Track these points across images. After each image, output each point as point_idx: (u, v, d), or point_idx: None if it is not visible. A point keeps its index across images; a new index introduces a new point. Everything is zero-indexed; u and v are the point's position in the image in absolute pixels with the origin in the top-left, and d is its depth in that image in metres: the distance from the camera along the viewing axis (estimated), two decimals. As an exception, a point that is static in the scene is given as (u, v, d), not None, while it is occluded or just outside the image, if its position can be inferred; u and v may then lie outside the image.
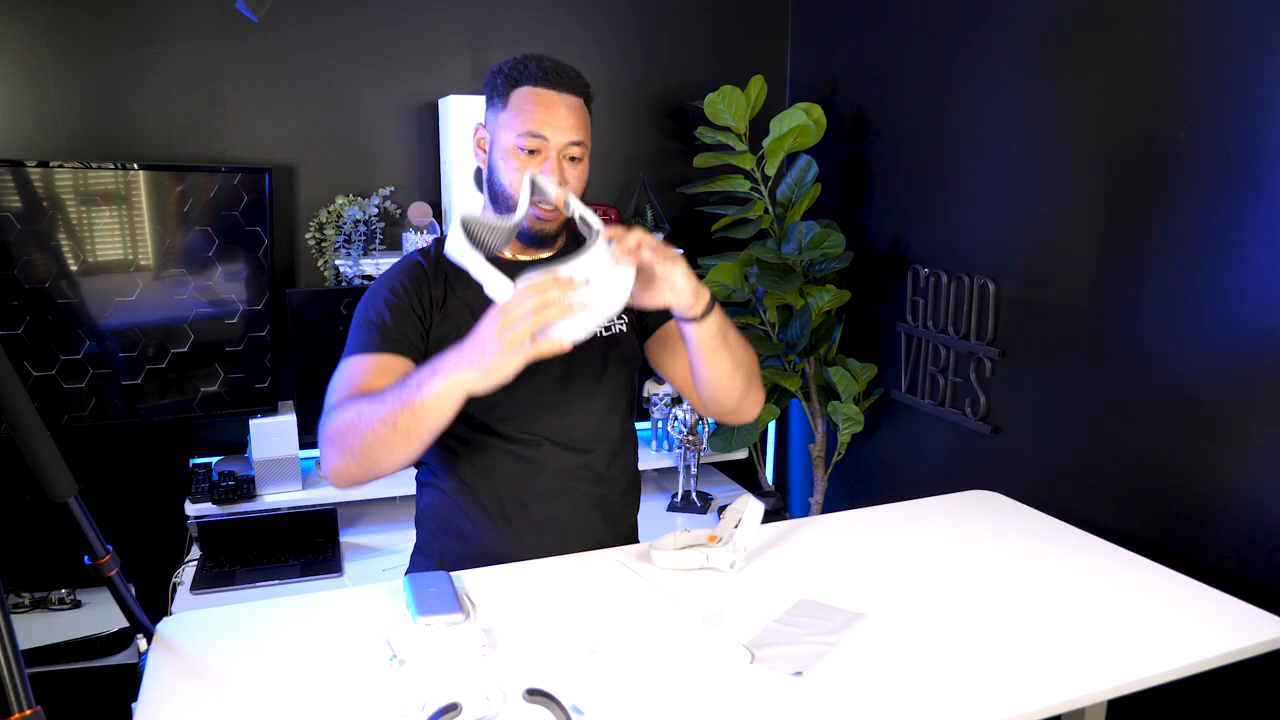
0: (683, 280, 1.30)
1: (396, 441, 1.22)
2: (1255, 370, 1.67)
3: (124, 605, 1.33)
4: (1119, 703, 1.33)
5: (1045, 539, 1.56)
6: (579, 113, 1.44)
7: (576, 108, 1.44)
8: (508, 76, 1.44)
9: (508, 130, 1.42)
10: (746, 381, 1.46)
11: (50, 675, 2.09)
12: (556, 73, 1.43)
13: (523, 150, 1.40)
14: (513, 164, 1.42)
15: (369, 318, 1.43)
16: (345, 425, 1.26)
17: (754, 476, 3.07)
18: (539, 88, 1.42)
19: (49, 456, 1.22)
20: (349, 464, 1.27)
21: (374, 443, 1.23)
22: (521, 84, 1.42)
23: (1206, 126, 1.73)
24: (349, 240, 2.56)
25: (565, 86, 1.43)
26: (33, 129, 2.36)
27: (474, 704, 1.06)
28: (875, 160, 2.69)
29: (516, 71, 1.43)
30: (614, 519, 1.57)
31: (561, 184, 1.42)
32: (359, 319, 1.44)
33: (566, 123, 1.41)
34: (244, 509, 2.36)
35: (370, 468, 1.27)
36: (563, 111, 1.41)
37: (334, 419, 1.29)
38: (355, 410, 1.26)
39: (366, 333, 1.41)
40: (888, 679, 1.13)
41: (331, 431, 1.29)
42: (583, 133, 1.44)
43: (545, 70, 1.42)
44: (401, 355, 1.39)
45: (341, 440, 1.26)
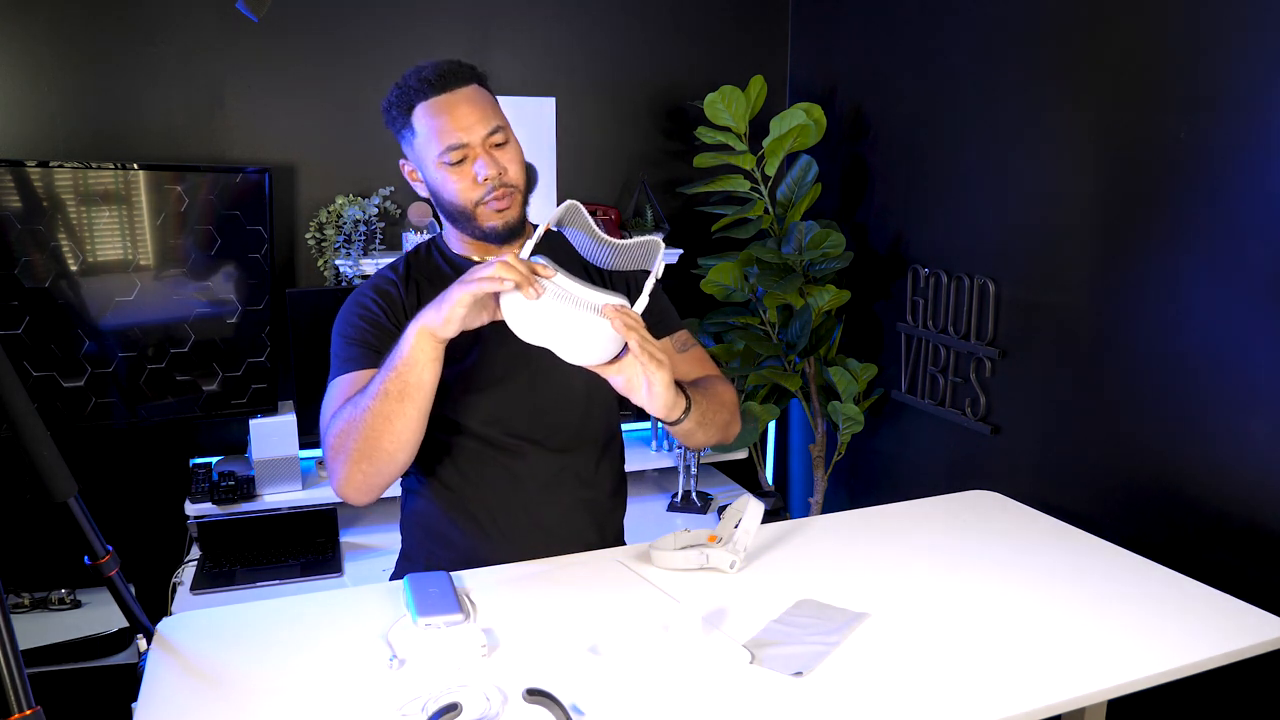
0: (661, 389, 1.26)
1: (393, 411, 1.25)
2: (1255, 370, 1.67)
3: (124, 605, 1.33)
4: (1119, 703, 1.33)
5: (1045, 539, 1.56)
6: (481, 102, 1.42)
7: (475, 98, 1.41)
8: (399, 103, 1.43)
9: (427, 151, 1.41)
10: (721, 435, 1.49)
11: (50, 675, 2.09)
12: (440, 75, 1.40)
13: (449, 164, 1.40)
14: (449, 178, 1.41)
15: (348, 337, 1.44)
16: (343, 427, 1.29)
17: (754, 476, 3.06)
18: (431, 98, 1.40)
19: (49, 456, 1.22)
20: (359, 465, 1.29)
21: (373, 423, 1.26)
22: (415, 103, 1.41)
23: (1206, 127, 1.73)
24: (349, 240, 2.56)
25: (454, 83, 1.41)
26: (33, 129, 2.36)
27: (474, 704, 1.06)
28: (875, 160, 2.69)
29: (405, 95, 1.42)
30: (601, 521, 1.56)
31: (501, 173, 1.41)
32: (338, 341, 1.46)
33: (474, 117, 1.39)
34: (244, 509, 2.36)
35: (378, 457, 1.28)
36: (465, 108, 1.39)
37: (331, 431, 1.32)
38: (349, 410, 1.29)
39: (347, 352, 1.43)
40: (888, 679, 1.13)
41: (333, 443, 1.31)
42: (493, 117, 1.42)
43: (427, 79, 1.40)
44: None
45: (343, 443, 1.29)
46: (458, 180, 1.41)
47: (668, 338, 1.57)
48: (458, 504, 1.48)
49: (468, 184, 1.41)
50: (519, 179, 1.45)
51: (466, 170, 1.40)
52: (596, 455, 1.54)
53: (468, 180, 1.41)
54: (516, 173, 1.44)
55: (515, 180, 1.44)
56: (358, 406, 1.28)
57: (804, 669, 1.14)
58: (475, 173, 1.40)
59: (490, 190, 1.41)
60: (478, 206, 1.42)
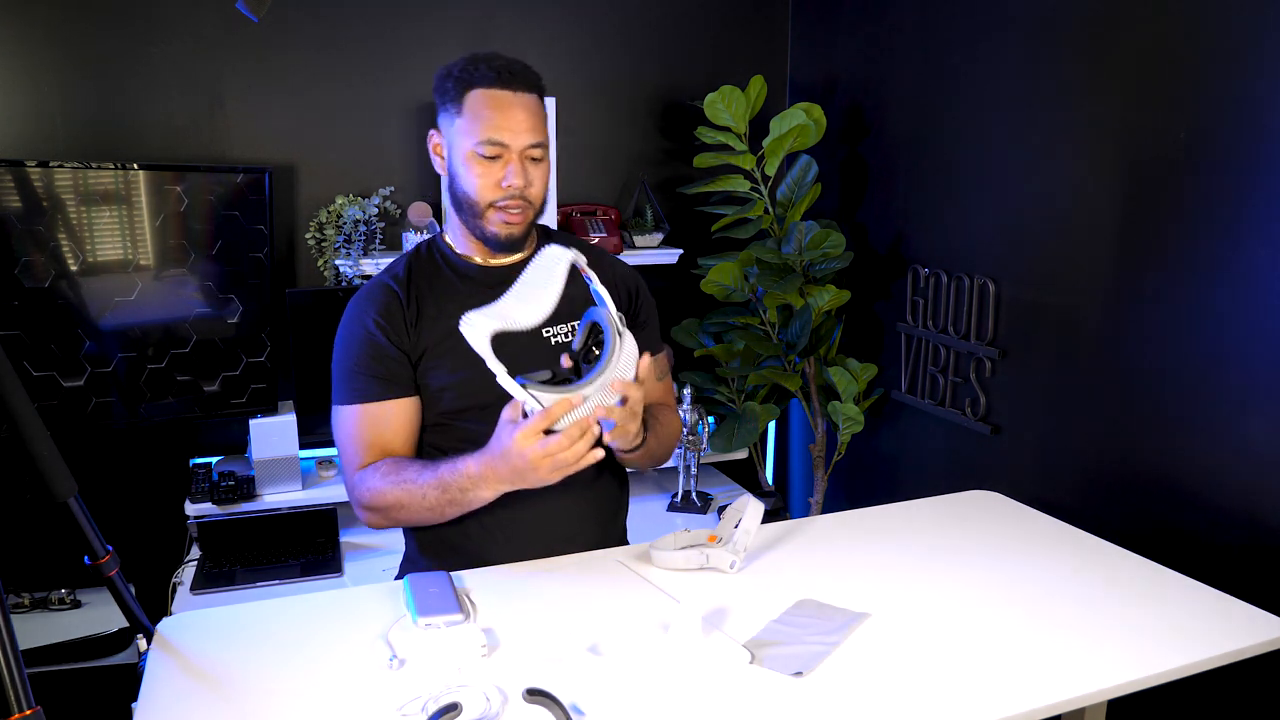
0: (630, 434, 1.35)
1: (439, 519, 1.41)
2: (1255, 370, 1.67)
3: (124, 605, 1.33)
4: (1119, 703, 1.33)
5: (1045, 539, 1.56)
6: (535, 112, 1.42)
7: (533, 107, 1.42)
8: (459, 79, 1.41)
9: (465, 137, 1.40)
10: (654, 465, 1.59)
11: (50, 675, 2.09)
12: (509, 72, 1.40)
13: (483, 156, 1.40)
14: (474, 170, 1.41)
15: (352, 367, 1.45)
16: (388, 504, 1.41)
17: (754, 476, 3.06)
18: (493, 89, 1.39)
19: (49, 456, 1.22)
20: (388, 523, 1.45)
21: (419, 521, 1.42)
22: (474, 86, 1.40)
23: (1207, 127, 1.73)
24: (349, 240, 2.56)
25: (519, 85, 1.40)
26: (33, 129, 2.36)
27: (474, 704, 1.06)
28: (875, 160, 2.69)
29: (467, 74, 1.40)
30: (605, 523, 1.56)
31: (526, 186, 1.42)
32: (343, 365, 1.47)
33: (524, 125, 1.40)
34: (244, 509, 2.36)
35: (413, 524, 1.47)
36: (520, 114, 1.40)
37: (370, 492, 1.42)
38: (395, 494, 1.39)
39: (354, 382, 1.45)
40: (888, 679, 1.13)
41: (369, 501, 1.43)
42: (541, 133, 1.43)
43: (498, 70, 1.39)
44: (395, 398, 1.44)
45: (385, 512, 1.43)
46: (482, 176, 1.41)
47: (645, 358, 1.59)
48: None
49: (490, 183, 1.41)
50: (539, 198, 1.46)
51: (495, 170, 1.40)
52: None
53: (491, 179, 1.41)
54: (539, 192, 1.45)
55: (535, 198, 1.45)
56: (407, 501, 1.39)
57: (804, 669, 1.14)
58: (503, 176, 1.40)
59: (509, 198, 1.41)
60: (490, 208, 1.43)
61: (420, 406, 1.47)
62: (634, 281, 1.62)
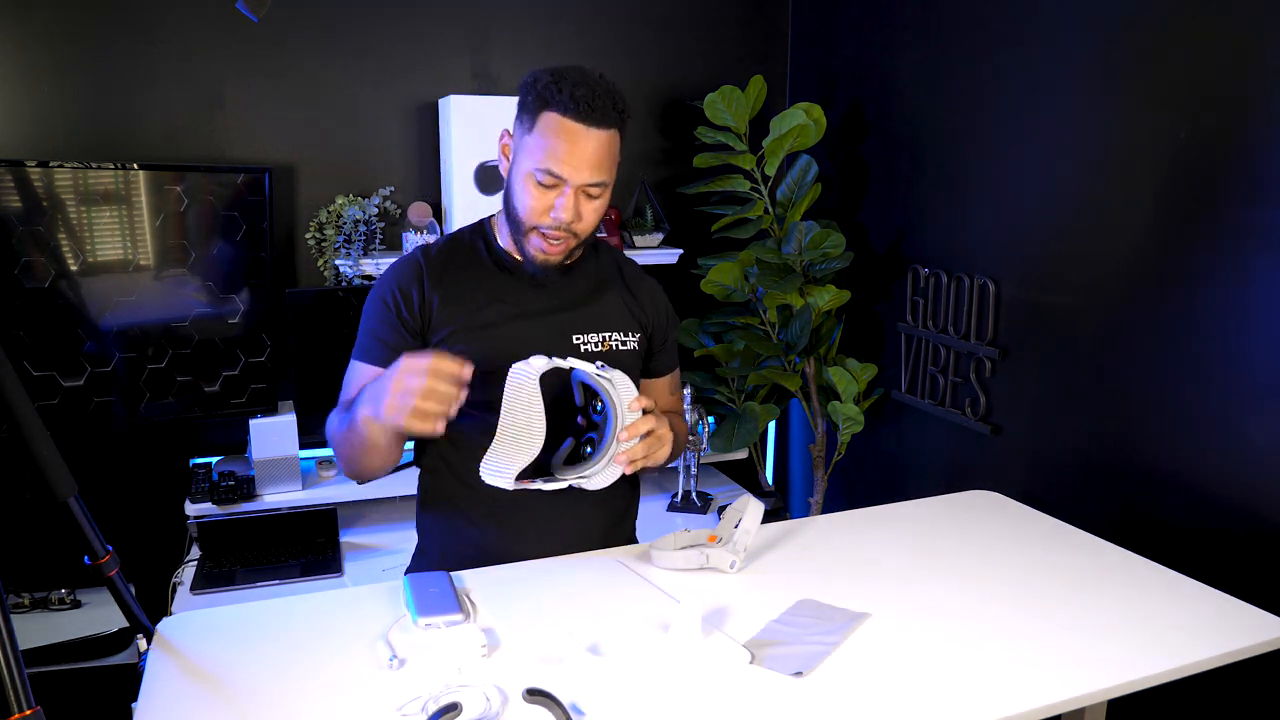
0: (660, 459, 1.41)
1: (359, 452, 1.38)
2: (1255, 369, 1.67)
3: (124, 605, 1.33)
4: (1119, 703, 1.33)
5: (1045, 539, 1.56)
6: (605, 150, 1.38)
7: (604, 143, 1.37)
8: (539, 95, 1.37)
9: (529, 156, 1.38)
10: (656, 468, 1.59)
11: (50, 675, 2.09)
12: (589, 105, 1.34)
13: (540, 183, 1.38)
14: (529, 191, 1.40)
15: (371, 328, 1.48)
16: (331, 435, 1.45)
17: (754, 476, 3.06)
18: (568, 119, 1.34)
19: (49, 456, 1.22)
20: (344, 466, 1.46)
21: (348, 450, 1.41)
22: (550, 109, 1.35)
23: (1207, 127, 1.73)
24: (349, 240, 2.56)
25: (596, 120, 1.35)
26: (33, 129, 2.36)
27: (474, 704, 1.06)
28: (875, 160, 2.69)
29: (549, 93, 1.35)
30: (614, 521, 1.57)
31: (574, 220, 1.40)
32: (364, 321, 1.50)
33: (589, 163, 1.36)
34: (244, 509, 2.36)
35: (358, 472, 1.44)
36: (588, 149, 1.35)
37: (329, 424, 1.46)
38: (335, 424, 1.43)
39: (370, 341, 1.48)
40: (888, 679, 1.13)
41: (329, 435, 1.47)
42: (605, 171, 1.39)
43: (579, 101, 1.34)
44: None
45: (334, 444, 1.46)
46: (535, 199, 1.40)
47: (667, 376, 1.66)
48: (472, 500, 1.48)
49: (541, 208, 1.40)
50: (586, 232, 1.45)
51: (548, 197, 1.39)
52: None
53: (543, 204, 1.40)
54: (588, 227, 1.44)
55: (582, 233, 1.44)
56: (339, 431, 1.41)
57: (804, 669, 1.14)
58: (554, 204, 1.39)
59: (554, 228, 1.41)
60: (534, 230, 1.42)
61: None
62: (663, 301, 1.64)
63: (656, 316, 1.61)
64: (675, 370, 1.69)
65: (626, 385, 1.35)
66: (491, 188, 2.53)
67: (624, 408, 1.33)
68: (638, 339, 1.56)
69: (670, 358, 1.66)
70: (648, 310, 1.60)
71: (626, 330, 1.55)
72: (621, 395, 1.34)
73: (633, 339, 1.55)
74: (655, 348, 1.62)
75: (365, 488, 2.50)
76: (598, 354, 1.51)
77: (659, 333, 1.62)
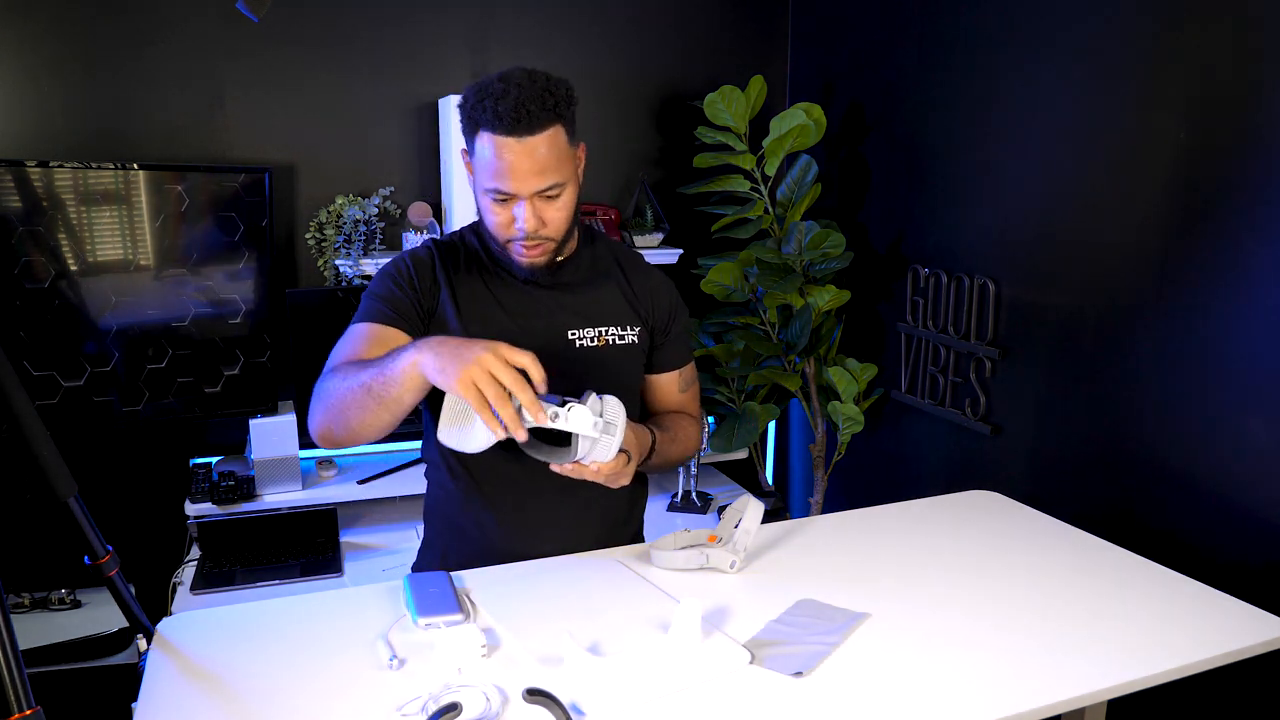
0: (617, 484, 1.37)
1: (369, 407, 1.27)
2: (1256, 370, 1.67)
3: (124, 605, 1.33)
4: (1119, 703, 1.33)
5: (1045, 539, 1.56)
6: (546, 152, 1.35)
7: (543, 147, 1.34)
8: (469, 117, 1.37)
9: (480, 175, 1.39)
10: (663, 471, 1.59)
11: (50, 675, 2.09)
12: (513, 116, 1.31)
13: (496, 200, 1.38)
14: (490, 209, 1.40)
15: (375, 291, 1.46)
16: (332, 385, 1.32)
17: (754, 476, 3.07)
18: (497, 135, 1.33)
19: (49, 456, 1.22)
20: (329, 421, 1.33)
21: (350, 401, 1.29)
22: (481, 128, 1.35)
23: (1207, 127, 1.73)
24: (349, 240, 2.56)
25: (525, 128, 1.32)
26: (33, 129, 2.36)
27: (474, 704, 1.06)
28: (875, 160, 2.69)
29: (476, 113, 1.35)
30: (619, 520, 1.57)
31: (539, 227, 1.39)
32: (367, 292, 1.48)
33: (531, 172, 1.34)
34: (244, 509, 2.36)
35: (346, 428, 1.32)
36: (525, 163, 1.33)
37: (326, 379, 1.35)
38: (344, 371, 1.32)
39: (371, 304, 1.45)
40: (888, 679, 1.13)
41: (321, 390, 1.35)
42: (553, 172, 1.36)
43: (501, 117, 1.32)
44: (399, 329, 1.42)
45: (326, 398, 1.33)
46: (496, 215, 1.40)
47: (676, 371, 1.63)
48: (477, 498, 1.48)
49: (504, 221, 1.40)
50: (559, 232, 1.42)
51: (507, 211, 1.39)
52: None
53: (505, 219, 1.40)
54: (558, 227, 1.42)
55: (554, 234, 1.42)
56: (348, 377, 1.30)
57: (804, 669, 1.14)
58: (514, 216, 1.39)
59: (523, 237, 1.40)
60: (509, 244, 1.43)
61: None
62: (668, 294, 1.62)
63: (658, 309, 1.59)
64: (687, 365, 1.65)
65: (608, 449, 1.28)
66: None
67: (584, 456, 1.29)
68: (637, 332, 1.55)
69: (678, 352, 1.62)
70: (648, 303, 1.58)
71: (624, 324, 1.54)
72: (595, 455, 1.29)
73: (631, 332, 1.54)
74: (658, 341, 1.59)
75: (366, 488, 2.50)
76: (593, 348, 1.50)
77: (661, 326, 1.59)
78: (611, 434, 1.27)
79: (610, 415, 1.28)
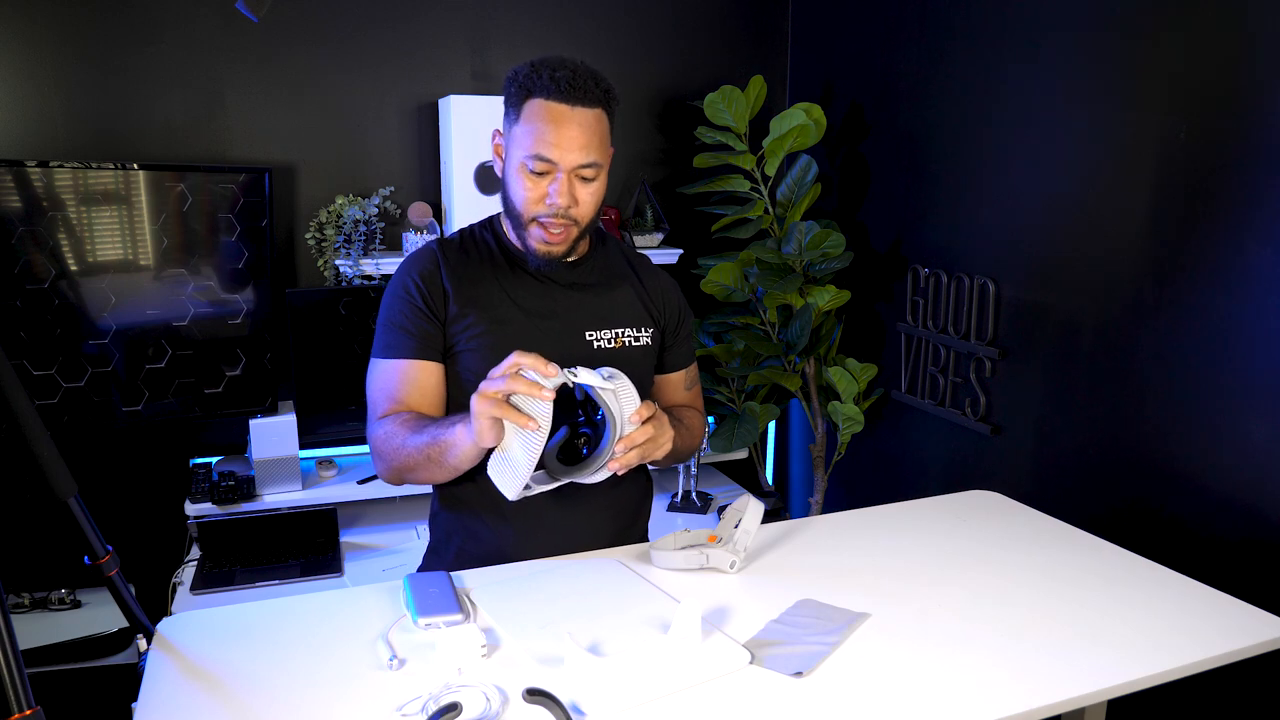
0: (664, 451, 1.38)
1: (436, 474, 1.39)
2: (1256, 370, 1.67)
3: (124, 605, 1.33)
4: (1119, 703, 1.33)
5: (1045, 539, 1.56)
6: (593, 129, 1.38)
7: (591, 123, 1.38)
8: (521, 85, 1.38)
9: (519, 147, 1.39)
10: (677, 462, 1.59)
11: (50, 675, 2.09)
12: (570, 85, 1.35)
13: (532, 171, 1.38)
14: (523, 183, 1.40)
15: (394, 321, 1.47)
16: (392, 449, 1.40)
17: (754, 476, 3.07)
18: (551, 101, 1.35)
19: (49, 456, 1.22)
20: (394, 476, 1.43)
21: (417, 470, 1.40)
22: (534, 95, 1.37)
23: (1207, 127, 1.73)
24: (349, 240, 2.56)
25: (580, 99, 1.36)
26: (33, 129, 2.36)
27: (474, 704, 1.06)
28: (875, 160, 2.69)
29: (530, 81, 1.37)
30: (627, 521, 1.57)
31: (570, 205, 1.40)
32: (385, 316, 1.49)
33: (577, 143, 1.36)
34: (244, 509, 2.36)
35: (411, 480, 1.44)
36: (574, 131, 1.36)
37: (382, 436, 1.42)
38: (401, 439, 1.39)
39: (394, 336, 1.46)
40: (888, 679, 1.13)
41: (381, 447, 1.43)
42: (596, 151, 1.38)
43: (559, 82, 1.35)
44: (428, 360, 1.45)
45: (389, 458, 1.41)
46: (529, 189, 1.40)
47: (681, 372, 1.65)
48: (485, 501, 1.48)
49: (536, 197, 1.40)
50: (586, 218, 1.43)
51: (542, 185, 1.39)
52: None
53: (538, 193, 1.40)
54: (587, 212, 1.43)
55: (582, 219, 1.43)
56: (407, 446, 1.37)
57: (804, 669, 1.14)
58: (548, 191, 1.39)
59: (551, 214, 1.40)
60: (533, 222, 1.42)
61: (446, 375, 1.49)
62: (676, 295, 1.64)
63: (668, 310, 1.61)
64: (691, 366, 1.68)
65: (630, 396, 1.32)
66: (491, 188, 2.53)
67: (624, 420, 1.32)
68: (650, 334, 1.56)
69: (684, 352, 1.65)
70: (660, 304, 1.59)
71: (639, 325, 1.54)
72: (624, 407, 1.31)
73: (645, 334, 1.55)
74: (668, 342, 1.61)
75: (365, 488, 2.50)
76: (610, 350, 1.50)
77: (671, 327, 1.61)
78: (621, 378, 1.31)
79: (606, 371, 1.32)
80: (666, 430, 1.37)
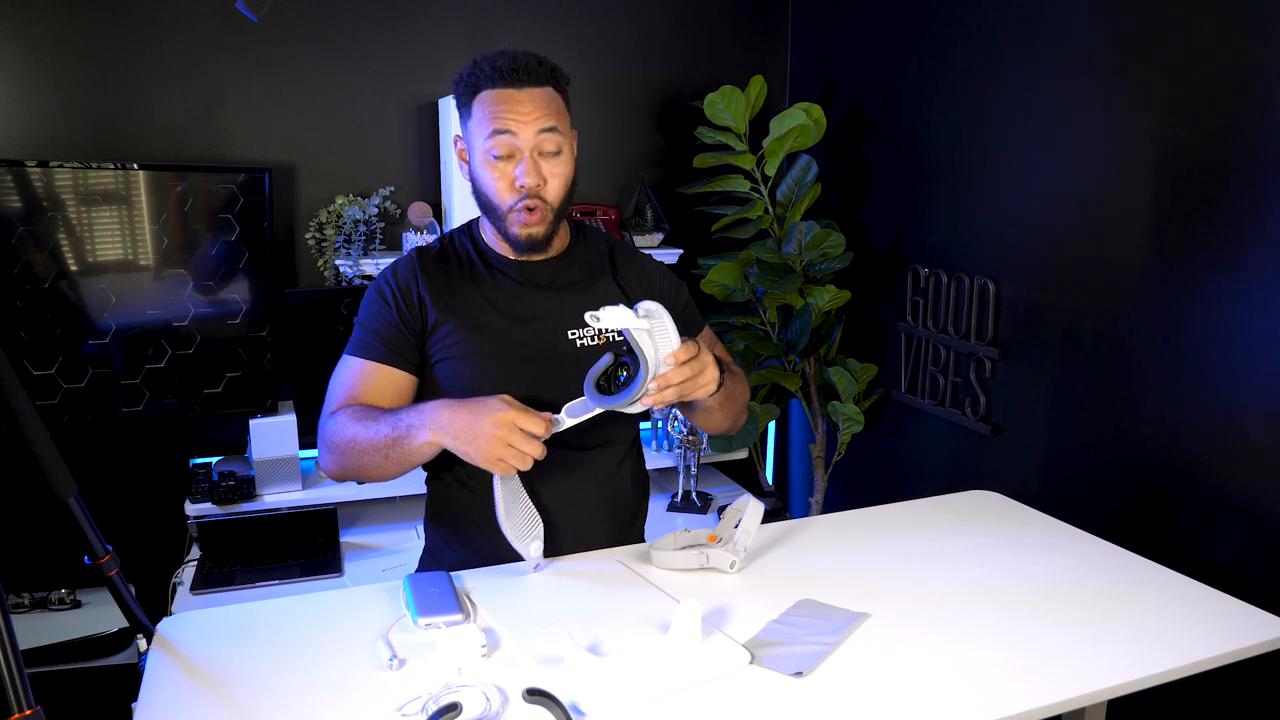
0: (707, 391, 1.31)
1: (386, 467, 1.37)
2: (1256, 370, 1.67)
3: (124, 605, 1.33)
4: (1119, 703, 1.33)
5: (1045, 539, 1.56)
6: (546, 103, 1.39)
7: (543, 98, 1.39)
8: (468, 84, 1.40)
9: (478, 137, 1.40)
10: (736, 419, 1.55)
11: (50, 675, 2.09)
12: (513, 69, 1.37)
13: (495, 158, 1.39)
14: (490, 173, 1.40)
15: (365, 322, 1.47)
16: (343, 440, 1.38)
17: (754, 476, 3.07)
18: (498, 89, 1.37)
19: (49, 456, 1.22)
20: (343, 470, 1.41)
21: (367, 464, 1.37)
22: (481, 88, 1.39)
23: (1207, 127, 1.73)
24: (349, 240, 2.56)
25: (526, 81, 1.37)
26: (33, 129, 2.36)
27: (474, 704, 1.06)
28: (875, 160, 2.69)
29: (474, 77, 1.39)
30: (624, 522, 1.57)
31: (538, 184, 1.40)
32: (361, 315, 1.49)
33: (531, 114, 1.37)
34: (244, 509, 2.36)
35: (362, 478, 1.42)
36: (526, 108, 1.37)
37: (332, 428, 1.40)
38: (354, 430, 1.37)
39: (365, 336, 1.46)
40: (888, 679, 1.13)
41: (330, 438, 1.41)
42: (554, 118, 1.39)
43: (501, 69, 1.37)
44: (395, 368, 1.45)
45: (338, 450, 1.40)
46: (497, 177, 1.40)
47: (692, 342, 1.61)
48: (480, 503, 1.48)
49: (505, 184, 1.41)
50: (557, 196, 1.43)
51: (507, 170, 1.40)
52: (619, 457, 1.54)
53: (506, 181, 1.40)
54: (556, 189, 1.43)
55: (552, 197, 1.43)
56: (359, 438, 1.36)
57: (804, 669, 1.14)
58: (514, 175, 1.39)
59: (523, 198, 1.40)
60: (509, 211, 1.42)
61: (414, 386, 1.48)
62: (660, 275, 1.65)
63: (654, 292, 1.60)
64: (704, 330, 1.67)
65: (668, 335, 1.27)
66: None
67: (659, 360, 1.26)
68: None
69: (690, 323, 1.63)
70: (640, 289, 1.58)
71: None
72: (659, 346, 1.26)
73: None
74: None
75: (366, 488, 2.50)
76: (595, 347, 1.50)
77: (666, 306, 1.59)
78: (660, 316, 1.25)
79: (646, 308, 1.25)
80: (710, 371, 1.31)
